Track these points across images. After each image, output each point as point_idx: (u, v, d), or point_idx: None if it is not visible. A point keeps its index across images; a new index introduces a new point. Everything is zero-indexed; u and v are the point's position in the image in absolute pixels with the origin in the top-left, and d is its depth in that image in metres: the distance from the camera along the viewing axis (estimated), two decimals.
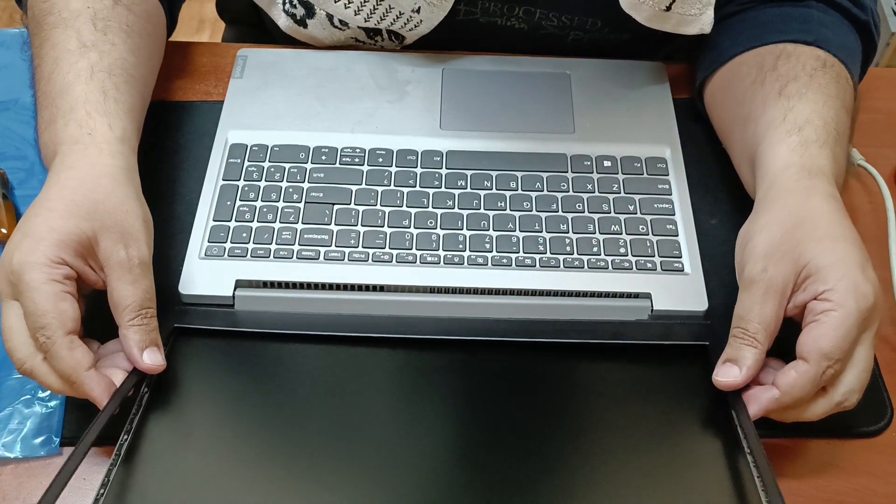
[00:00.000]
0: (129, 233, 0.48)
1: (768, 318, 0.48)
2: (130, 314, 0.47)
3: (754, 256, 0.49)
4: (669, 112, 0.65)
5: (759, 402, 0.47)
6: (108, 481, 0.46)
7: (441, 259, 0.56)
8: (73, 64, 0.53)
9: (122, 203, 0.49)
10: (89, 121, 0.51)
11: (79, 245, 0.47)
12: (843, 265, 0.47)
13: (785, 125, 0.54)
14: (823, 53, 0.58)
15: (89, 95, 0.52)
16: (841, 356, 0.46)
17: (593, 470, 0.48)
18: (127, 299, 0.47)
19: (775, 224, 0.49)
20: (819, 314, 0.46)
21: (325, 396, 0.51)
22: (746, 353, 0.48)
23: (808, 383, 0.46)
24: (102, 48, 0.54)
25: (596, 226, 0.58)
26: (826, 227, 0.49)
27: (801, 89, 0.55)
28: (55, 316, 0.45)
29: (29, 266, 0.45)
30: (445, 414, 0.50)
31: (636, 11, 0.60)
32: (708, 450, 0.49)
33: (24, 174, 0.63)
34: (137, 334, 0.48)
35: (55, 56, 0.54)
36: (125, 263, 0.47)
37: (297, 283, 0.55)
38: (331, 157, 0.61)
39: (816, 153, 0.52)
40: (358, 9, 0.63)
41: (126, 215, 0.49)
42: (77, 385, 0.46)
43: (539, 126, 0.64)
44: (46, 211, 0.47)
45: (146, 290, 0.48)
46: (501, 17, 0.67)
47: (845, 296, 0.46)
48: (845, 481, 0.51)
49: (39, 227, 0.47)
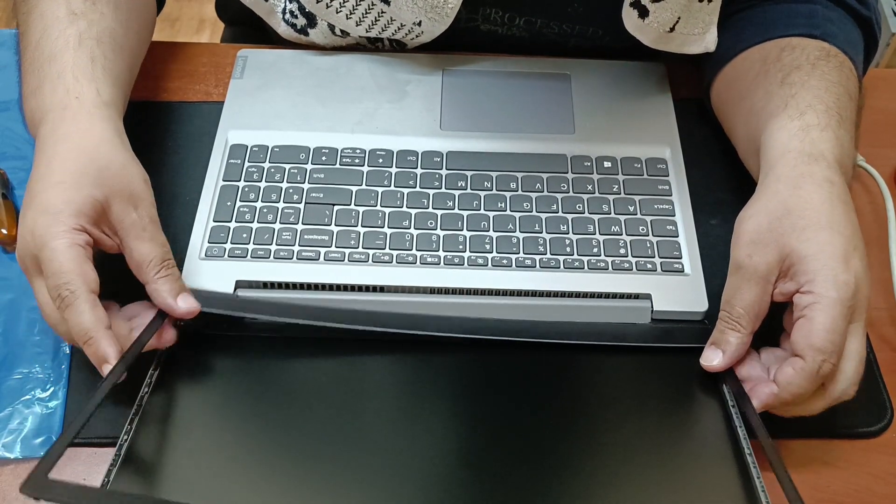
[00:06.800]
0: (135, 194, 0.50)
1: (752, 302, 0.49)
2: (155, 268, 0.49)
3: (741, 242, 0.50)
4: (670, 113, 0.65)
5: (758, 397, 0.48)
6: (108, 481, 0.46)
7: (441, 260, 0.56)
8: (61, 31, 0.54)
9: (123, 167, 0.50)
10: (77, 86, 0.52)
11: (94, 212, 0.48)
12: (824, 255, 0.47)
13: (787, 111, 0.54)
14: (828, 45, 0.58)
15: (78, 61, 0.53)
16: (834, 349, 0.46)
17: (595, 470, 0.48)
18: (148, 255, 0.49)
19: (763, 212, 0.50)
20: (804, 308, 0.47)
21: (325, 396, 0.51)
22: (730, 336, 0.50)
23: (805, 380, 0.46)
24: (91, 17, 0.55)
25: (596, 226, 0.58)
26: (812, 215, 0.49)
27: (803, 77, 0.55)
28: (79, 274, 0.46)
29: (51, 236, 0.46)
30: (446, 413, 0.50)
31: (641, 34, 0.61)
32: (709, 451, 0.49)
33: (24, 174, 0.63)
34: (167, 284, 0.49)
35: (43, 25, 0.54)
36: (138, 223, 0.49)
37: (297, 284, 0.55)
38: (331, 157, 0.61)
39: (818, 137, 0.52)
40: (359, 20, 0.63)
41: (130, 178, 0.50)
42: (94, 341, 0.46)
43: (539, 127, 0.64)
44: (56, 184, 0.48)
45: (163, 244, 0.50)
46: (503, 26, 0.67)
47: (825, 286, 0.47)
48: (845, 481, 0.51)
49: (54, 200, 0.47)
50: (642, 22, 0.59)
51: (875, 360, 0.56)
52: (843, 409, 0.53)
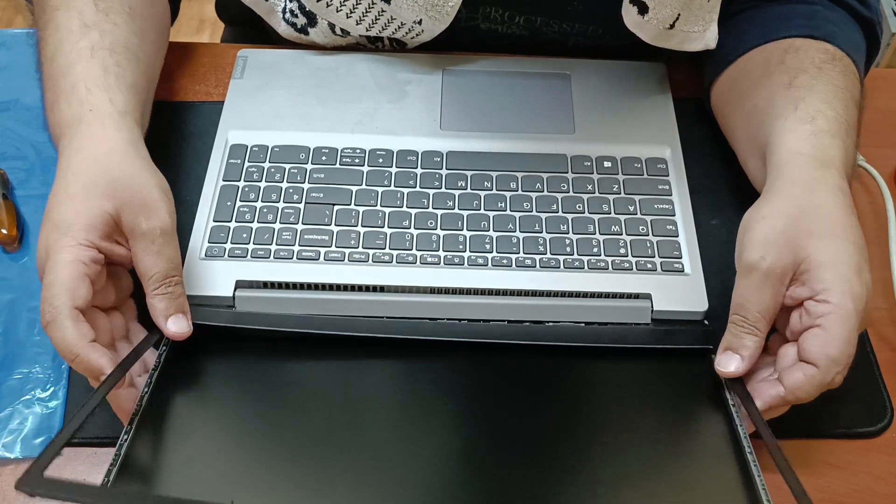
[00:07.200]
0: (147, 204, 0.49)
1: (767, 306, 0.48)
2: (155, 284, 0.49)
3: (754, 243, 0.49)
4: (670, 112, 0.65)
5: (762, 398, 0.48)
6: (107, 481, 0.46)
7: (441, 259, 0.56)
8: (74, 44, 0.54)
9: (136, 176, 0.50)
10: (90, 97, 0.52)
11: (104, 225, 0.48)
12: (841, 265, 0.47)
13: (797, 114, 0.53)
14: (831, 47, 0.58)
15: (90, 72, 0.53)
16: (848, 361, 0.46)
17: (596, 472, 0.48)
18: (151, 269, 0.48)
19: (778, 214, 0.49)
20: (819, 318, 0.46)
21: (325, 397, 0.51)
22: (747, 341, 0.49)
23: (815, 388, 0.46)
24: (104, 27, 0.55)
25: (596, 226, 0.58)
26: (828, 222, 0.49)
27: (810, 81, 0.55)
28: (67, 289, 0.45)
29: (57, 249, 0.46)
30: (446, 416, 0.50)
31: (641, 31, 0.60)
32: (710, 452, 0.49)
33: (24, 174, 0.63)
34: (162, 302, 0.49)
35: (58, 38, 0.54)
36: (147, 235, 0.48)
37: (297, 284, 0.55)
38: (331, 157, 0.61)
39: (828, 144, 0.52)
40: (360, 19, 0.63)
41: (142, 187, 0.49)
42: (79, 358, 0.45)
43: (539, 127, 0.64)
44: (68, 198, 0.48)
45: (169, 259, 0.49)
46: (502, 24, 0.67)
47: (842, 298, 0.46)
48: (845, 482, 0.51)
49: (65, 213, 0.48)
50: (642, 18, 0.59)
51: (875, 360, 0.56)
52: (843, 409, 0.53)
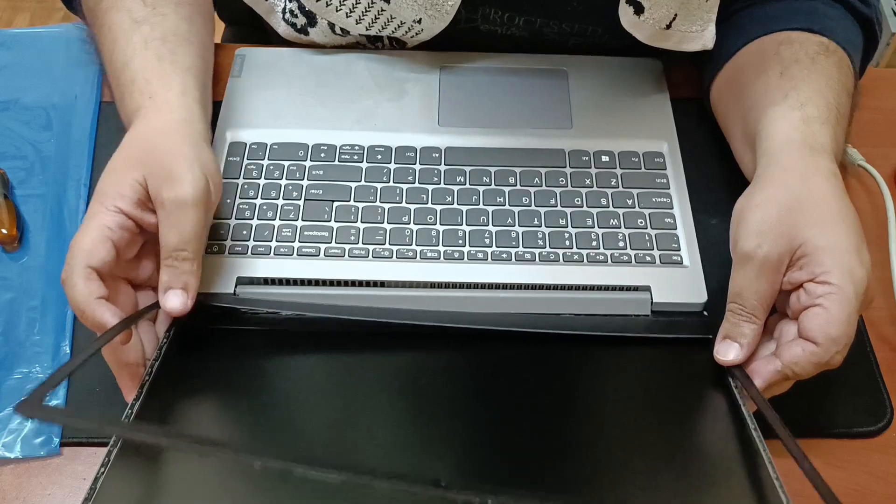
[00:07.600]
0: (171, 174, 0.49)
1: (764, 293, 0.48)
2: (164, 255, 0.49)
3: (749, 232, 0.49)
4: (666, 107, 0.65)
5: (761, 375, 0.48)
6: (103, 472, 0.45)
7: (441, 254, 0.56)
8: (128, 40, 0.55)
9: (171, 148, 0.50)
10: (148, 87, 0.54)
11: (133, 192, 0.49)
12: (840, 248, 0.47)
13: (787, 102, 0.54)
14: (826, 40, 0.58)
15: (145, 64, 0.54)
16: (848, 341, 0.46)
17: (600, 458, 0.48)
18: (163, 239, 0.49)
19: (772, 202, 0.49)
20: (820, 297, 0.47)
21: (327, 389, 0.51)
22: (745, 328, 0.49)
23: (813, 365, 0.46)
24: (153, 20, 0.56)
25: (595, 220, 0.58)
26: (824, 208, 0.49)
27: (802, 71, 0.56)
28: (85, 250, 0.46)
29: (90, 214, 0.48)
30: (448, 406, 0.50)
31: (637, 30, 0.61)
32: (715, 440, 0.49)
33: (24, 174, 0.63)
34: (165, 275, 0.49)
35: (112, 37, 0.56)
36: (166, 205, 0.49)
37: (297, 280, 0.55)
38: (330, 154, 0.61)
39: (819, 130, 0.52)
40: (359, 18, 0.63)
41: (174, 158, 0.50)
42: (85, 314, 0.46)
43: (537, 122, 0.64)
44: (109, 171, 0.50)
45: (181, 233, 0.49)
46: (502, 26, 0.67)
47: (843, 279, 0.46)
48: (845, 481, 0.51)
49: (101, 185, 0.49)
50: (638, 18, 0.59)
51: (875, 360, 0.56)
52: (842, 409, 0.53)
